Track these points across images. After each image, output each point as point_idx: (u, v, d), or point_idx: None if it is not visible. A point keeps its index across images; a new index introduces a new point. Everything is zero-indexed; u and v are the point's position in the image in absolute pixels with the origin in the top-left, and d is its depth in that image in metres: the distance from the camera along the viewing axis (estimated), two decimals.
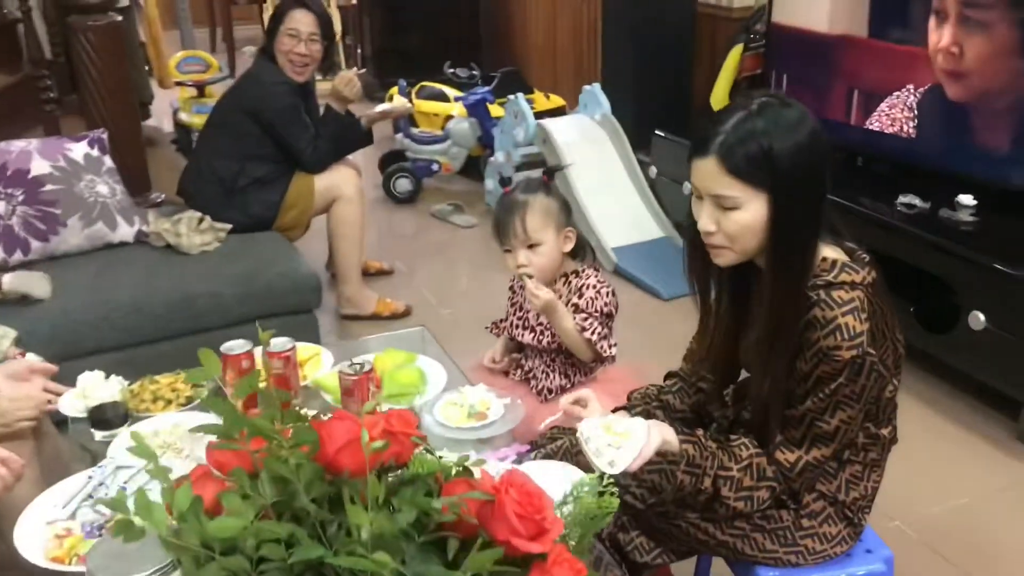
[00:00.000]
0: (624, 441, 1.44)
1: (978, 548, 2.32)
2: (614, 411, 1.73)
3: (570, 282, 2.09)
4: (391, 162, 5.01)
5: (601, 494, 0.92)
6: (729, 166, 1.40)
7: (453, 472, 0.98)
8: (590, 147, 4.25)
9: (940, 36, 3.06)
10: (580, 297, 2.05)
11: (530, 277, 2.02)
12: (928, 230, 2.96)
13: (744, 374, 1.71)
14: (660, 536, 1.67)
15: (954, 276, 2.82)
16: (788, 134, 1.39)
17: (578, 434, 1.48)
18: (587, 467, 1.69)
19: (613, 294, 2.07)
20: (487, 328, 2.29)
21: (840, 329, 1.40)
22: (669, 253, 3.96)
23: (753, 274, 1.54)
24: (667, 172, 4.13)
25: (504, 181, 4.44)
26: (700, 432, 1.57)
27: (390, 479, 0.99)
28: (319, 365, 2.05)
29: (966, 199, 3.02)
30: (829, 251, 1.48)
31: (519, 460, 1.70)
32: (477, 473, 0.97)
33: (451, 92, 5.10)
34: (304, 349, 2.05)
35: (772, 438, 1.54)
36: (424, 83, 5.22)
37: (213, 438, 1.00)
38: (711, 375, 1.73)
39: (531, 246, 2.03)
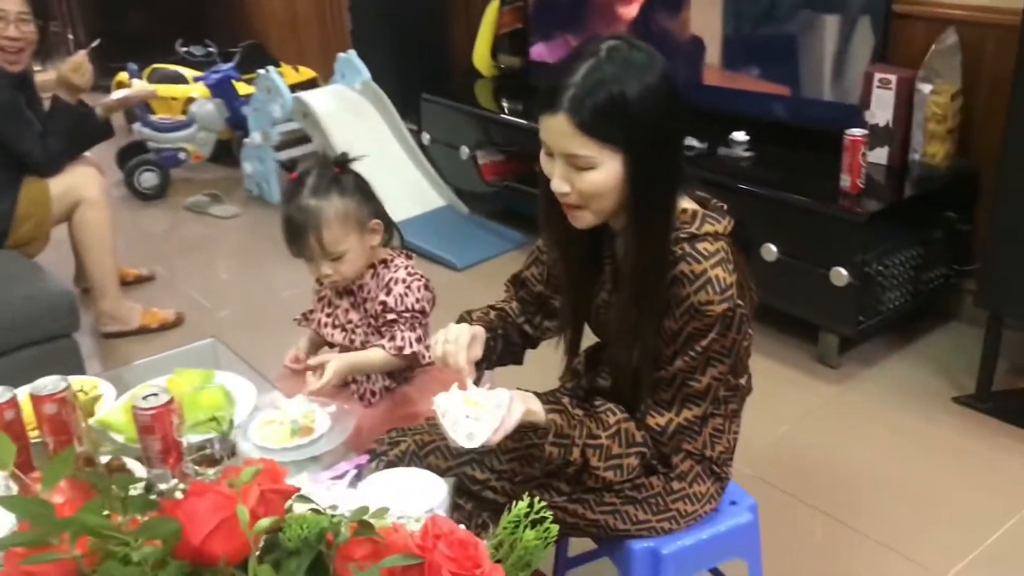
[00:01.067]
0: (483, 412, 1.31)
1: (807, 471, 2.39)
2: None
3: (378, 274, 1.88)
4: (132, 155, 4.55)
5: (535, 523, 0.76)
6: (580, 122, 1.27)
7: (343, 530, 0.78)
8: (355, 118, 4.02)
9: None
10: (388, 294, 1.84)
11: (331, 280, 1.84)
12: (710, 169, 3.00)
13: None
14: None
15: (741, 211, 2.86)
16: (639, 77, 1.28)
17: (434, 407, 1.33)
18: (439, 468, 1.55)
19: (426, 287, 1.87)
20: (296, 320, 2.04)
21: (711, 282, 1.32)
22: (454, 221, 3.84)
23: (605, 234, 1.43)
24: (440, 137, 3.98)
25: (287, 166, 4.08)
26: (566, 400, 1.45)
27: (263, 547, 0.77)
28: (99, 401, 1.74)
29: (739, 136, 3.09)
30: (686, 202, 1.40)
31: (360, 474, 1.52)
32: (383, 522, 0.77)
33: (188, 72, 4.69)
34: (78, 383, 1.74)
35: (640, 403, 1.44)
36: (156, 65, 4.75)
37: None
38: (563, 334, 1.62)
39: (335, 259, 1.82)
